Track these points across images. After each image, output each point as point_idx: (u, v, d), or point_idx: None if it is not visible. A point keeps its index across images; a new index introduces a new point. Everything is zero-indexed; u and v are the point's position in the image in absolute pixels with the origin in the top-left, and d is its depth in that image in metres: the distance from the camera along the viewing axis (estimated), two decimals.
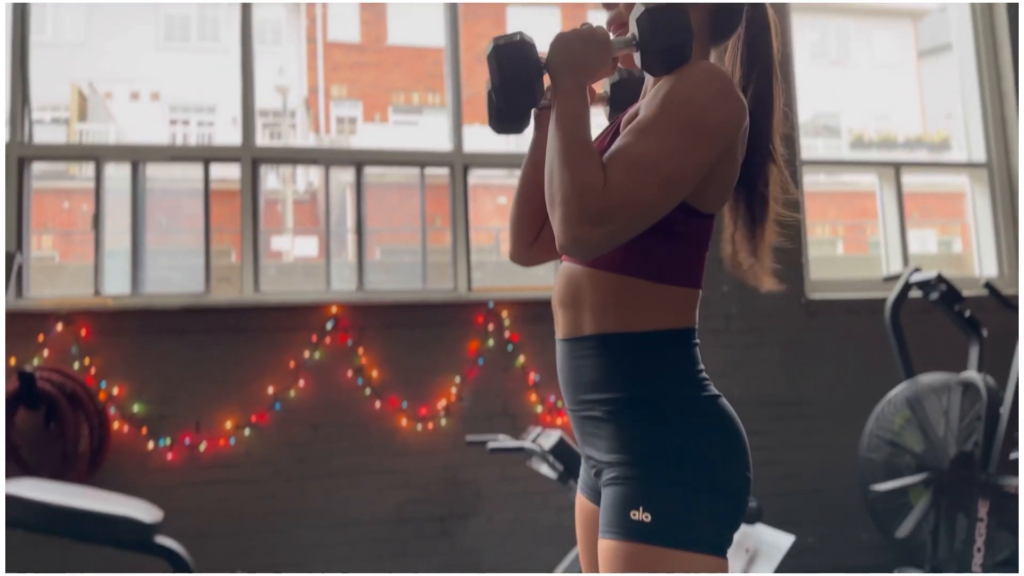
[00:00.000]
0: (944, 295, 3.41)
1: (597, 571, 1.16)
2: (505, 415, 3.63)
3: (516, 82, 1.06)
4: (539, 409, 3.65)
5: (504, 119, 1.14)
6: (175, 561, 2.48)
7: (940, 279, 3.40)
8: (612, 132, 1.22)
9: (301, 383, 3.45)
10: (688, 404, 1.12)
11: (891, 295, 3.51)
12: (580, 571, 1.40)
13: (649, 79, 1.19)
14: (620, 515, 1.08)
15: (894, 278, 3.63)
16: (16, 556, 2.96)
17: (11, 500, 2.32)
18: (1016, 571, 2.59)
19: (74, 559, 3.14)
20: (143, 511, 2.51)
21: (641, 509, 1.07)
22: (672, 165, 1.03)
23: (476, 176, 4.04)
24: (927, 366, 3.50)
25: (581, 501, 1.29)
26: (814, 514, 3.85)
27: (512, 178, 7.89)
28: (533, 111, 1.19)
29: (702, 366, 1.16)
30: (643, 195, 1.03)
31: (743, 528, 3.15)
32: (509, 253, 1.36)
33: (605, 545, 1.10)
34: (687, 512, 1.07)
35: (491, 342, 3.64)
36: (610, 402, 1.13)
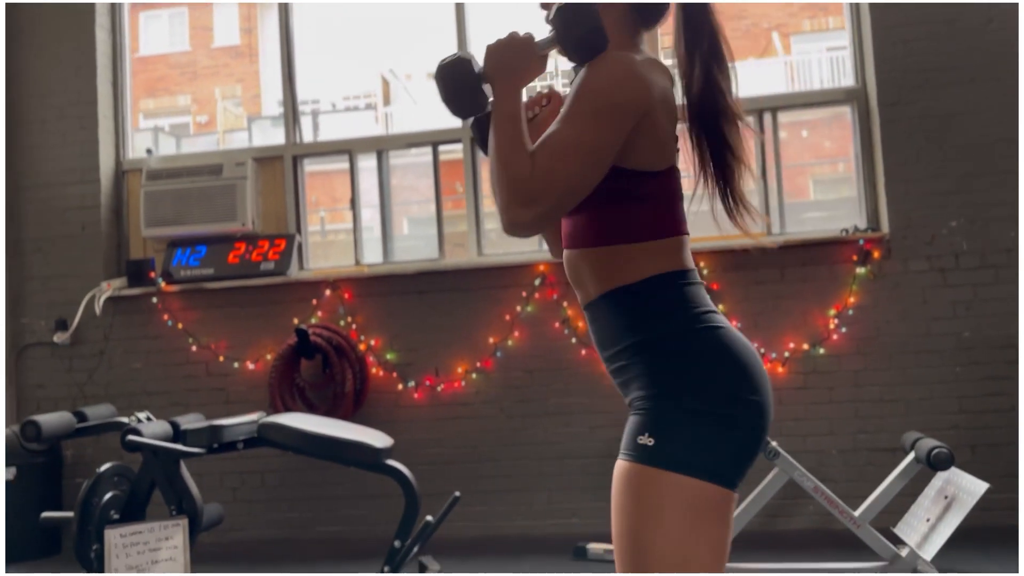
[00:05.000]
0: None
1: None
2: None
3: (459, 95, 1.29)
4: None
5: (461, 115, 1.35)
6: (400, 479, 3.05)
7: None
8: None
9: (516, 334, 3.91)
10: (684, 338, 1.25)
11: None
12: None
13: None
14: (630, 440, 1.27)
15: None
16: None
17: (278, 427, 3.04)
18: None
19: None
20: (376, 438, 3.11)
21: (647, 435, 1.22)
22: (586, 146, 1.19)
23: None
24: None
25: None
26: None
27: None
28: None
29: (701, 303, 1.29)
30: (564, 176, 1.19)
31: (943, 475, 3.05)
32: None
33: (616, 465, 1.30)
34: (683, 438, 1.19)
35: None
36: (625, 350, 1.31)
